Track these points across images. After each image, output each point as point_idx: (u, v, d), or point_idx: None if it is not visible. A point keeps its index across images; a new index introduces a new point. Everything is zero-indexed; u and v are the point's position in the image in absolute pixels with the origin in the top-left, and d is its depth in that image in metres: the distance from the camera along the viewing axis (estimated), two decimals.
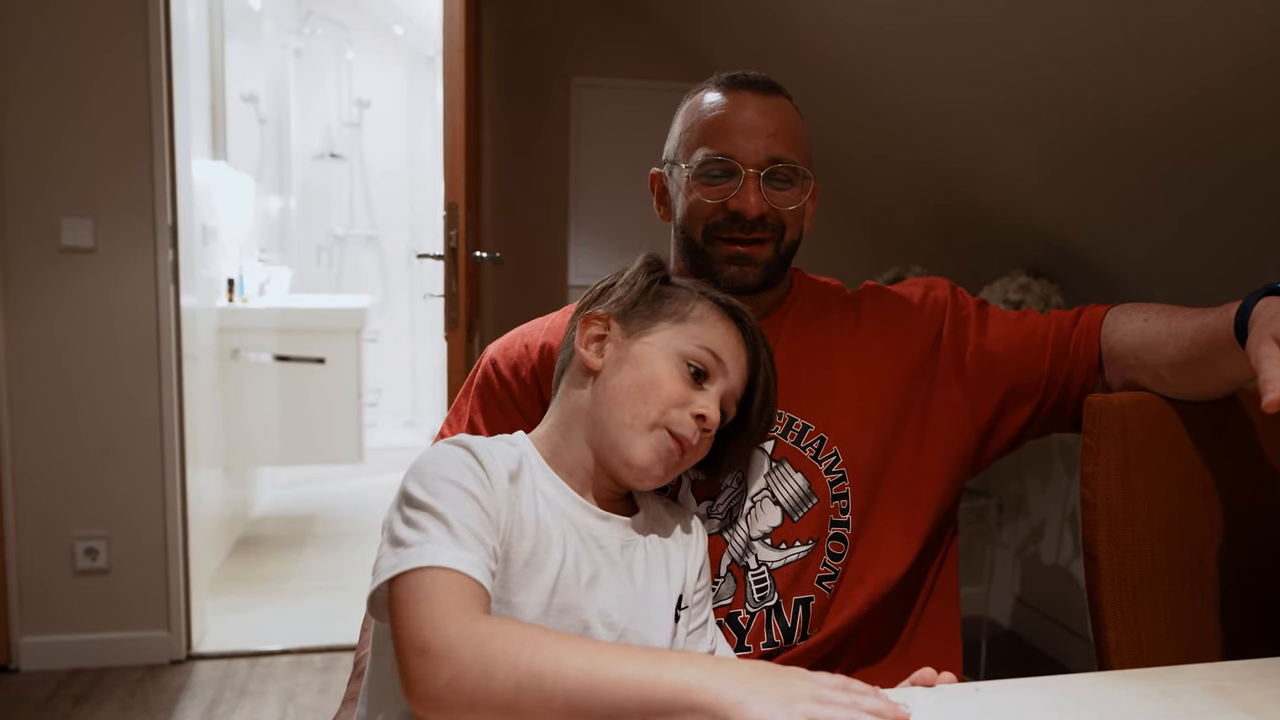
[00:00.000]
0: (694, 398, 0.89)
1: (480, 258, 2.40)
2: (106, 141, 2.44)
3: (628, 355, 0.91)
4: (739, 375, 0.93)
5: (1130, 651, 1.02)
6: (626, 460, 0.87)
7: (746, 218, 1.06)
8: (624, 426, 0.88)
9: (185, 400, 2.59)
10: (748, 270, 1.08)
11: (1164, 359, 1.01)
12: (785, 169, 1.07)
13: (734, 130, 1.07)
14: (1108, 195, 1.93)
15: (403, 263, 5.16)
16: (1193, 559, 1.05)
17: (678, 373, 0.89)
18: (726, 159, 1.06)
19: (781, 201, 1.08)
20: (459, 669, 0.68)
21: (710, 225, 1.08)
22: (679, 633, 0.92)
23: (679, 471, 0.92)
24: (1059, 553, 2.68)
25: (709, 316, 0.93)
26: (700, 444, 0.90)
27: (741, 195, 1.06)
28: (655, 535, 0.93)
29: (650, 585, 0.89)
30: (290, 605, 2.99)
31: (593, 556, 0.87)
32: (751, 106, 1.08)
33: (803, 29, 2.27)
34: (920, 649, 1.12)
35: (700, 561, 0.97)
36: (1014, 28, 1.66)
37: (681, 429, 0.88)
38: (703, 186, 1.08)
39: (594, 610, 0.84)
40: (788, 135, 1.08)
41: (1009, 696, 0.76)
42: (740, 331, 0.94)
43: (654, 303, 0.94)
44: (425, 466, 0.80)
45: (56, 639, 2.53)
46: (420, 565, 0.73)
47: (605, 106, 2.85)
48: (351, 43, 4.95)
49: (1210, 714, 0.72)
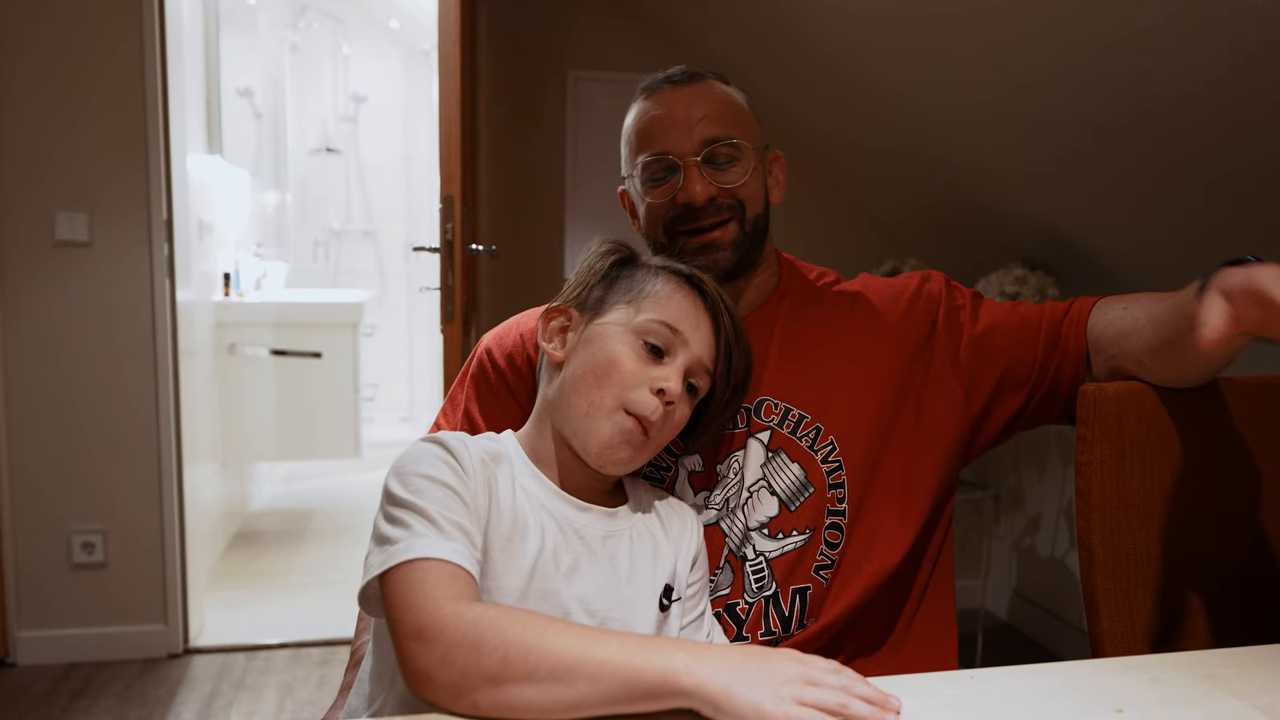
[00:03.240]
0: (652, 374, 0.89)
1: (476, 251, 2.40)
2: (102, 136, 2.44)
3: (585, 341, 0.92)
4: (703, 344, 0.92)
5: (1124, 640, 1.02)
6: (586, 447, 0.88)
7: (695, 205, 1.07)
8: (582, 415, 0.88)
9: (182, 395, 2.59)
10: (717, 256, 1.08)
11: (1143, 344, 1.01)
12: (723, 148, 1.08)
13: (663, 128, 1.09)
14: (1105, 188, 1.94)
15: (399, 257, 5.16)
16: (1186, 548, 1.06)
17: (633, 352, 0.89)
18: (662, 156, 1.09)
19: (727, 179, 1.09)
20: (450, 645, 0.70)
21: (667, 222, 1.10)
22: (672, 624, 0.92)
23: (653, 449, 0.91)
24: (1055, 545, 2.69)
25: (664, 289, 0.93)
26: (667, 420, 0.90)
27: (686, 186, 1.07)
28: (642, 525, 0.94)
29: (634, 574, 0.90)
30: (287, 599, 3.00)
31: (572, 546, 0.88)
32: (677, 100, 1.10)
33: (800, 20, 2.27)
34: (916, 640, 1.12)
35: (694, 553, 0.97)
36: (1012, 20, 1.66)
37: (640, 408, 0.87)
38: (651, 189, 1.10)
39: (574, 598, 0.85)
40: (717, 115, 1.09)
41: (1003, 683, 0.76)
42: (701, 299, 0.94)
43: (610, 285, 0.95)
44: (404, 465, 0.83)
45: (53, 633, 2.53)
46: (408, 558, 0.75)
47: (602, 100, 2.85)
48: (347, 37, 4.94)
49: (1202, 701, 0.73)
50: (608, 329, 0.91)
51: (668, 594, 0.92)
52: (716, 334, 0.93)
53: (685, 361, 0.91)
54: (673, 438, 0.94)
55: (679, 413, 0.91)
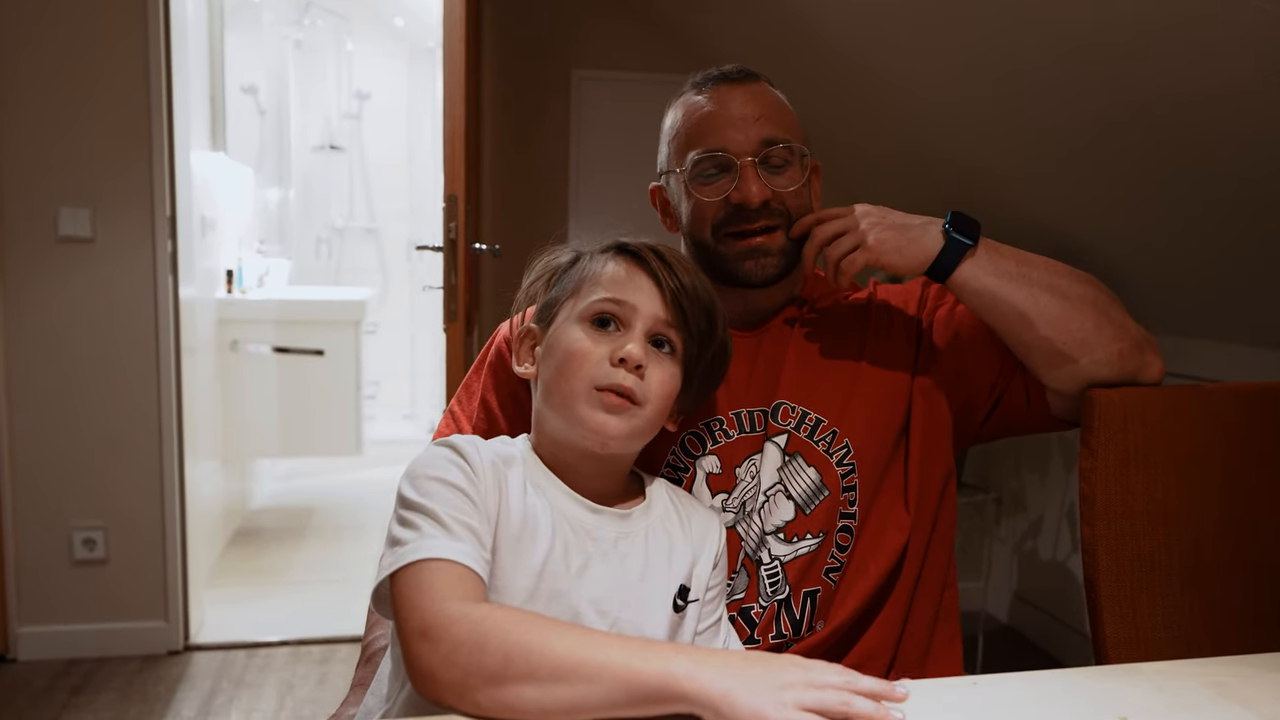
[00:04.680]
0: (610, 348, 0.88)
1: (480, 250, 2.40)
2: (105, 131, 2.44)
3: (547, 349, 0.92)
4: (651, 302, 0.90)
5: (1127, 646, 1.02)
6: (581, 437, 0.87)
7: (750, 207, 1.05)
8: (562, 410, 0.88)
9: (184, 391, 2.59)
10: (765, 262, 1.07)
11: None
12: (781, 150, 1.06)
13: (721, 125, 1.06)
14: (1108, 191, 1.93)
15: (402, 255, 5.16)
16: (1190, 554, 1.05)
17: (585, 335, 0.89)
18: (719, 154, 1.06)
19: (782, 184, 1.07)
20: (454, 645, 0.70)
21: (716, 224, 1.07)
22: (687, 627, 0.92)
23: (654, 414, 0.89)
24: (1057, 548, 2.69)
25: (597, 269, 0.92)
26: (651, 382, 0.88)
27: (741, 186, 1.05)
28: (659, 525, 0.93)
29: (648, 575, 0.89)
30: (288, 597, 2.99)
31: (584, 547, 0.87)
32: (733, 98, 1.08)
33: (806, 19, 2.26)
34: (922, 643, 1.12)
35: (715, 555, 0.96)
36: (1017, 20, 1.66)
37: (608, 381, 0.86)
38: (701, 187, 1.08)
39: (584, 597, 0.85)
40: (775, 117, 1.08)
41: (1006, 689, 0.76)
42: (635, 261, 0.92)
43: (552, 289, 0.96)
44: (415, 469, 0.84)
45: (54, 629, 2.53)
46: (416, 559, 0.76)
47: (606, 99, 2.85)
48: (351, 34, 4.94)
49: (1207, 709, 0.72)
50: (560, 328, 0.91)
51: (682, 595, 0.91)
52: (660, 288, 0.91)
53: (642, 325, 0.89)
54: (670, 397, 0.91)
55: (658, 373, 0.89)
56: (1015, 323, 1.02)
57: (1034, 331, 1.02)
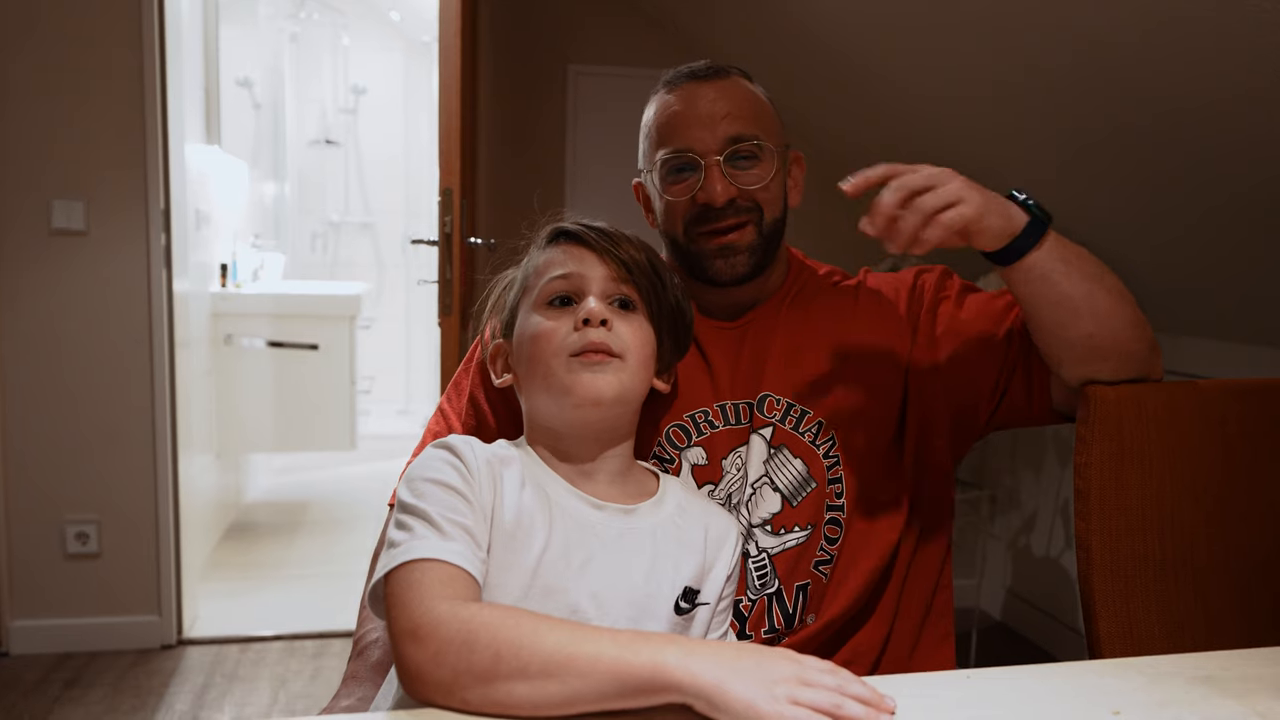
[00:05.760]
0: (573, 319, 0.89)
1: (475, 244, 2.39)
2: (99, 124, 2.43)
3: (516, 349, 0.95)
4: (600, 268, 0.92)
5: (1121, 641, 1.02)
6: (573, 407, 0.87)
7: (715, 206, 1.05)
8: (547, 392, 0.89)
9: (177, 385, 2.58)
10: (735, 261, 1.07)
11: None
12: (746, 147, 1.06)
13: (686, 123, 1.07)
14: (1113, 191, 1.93)
15: (397, 250, 5.15)
16: (1184, 550, 1.05)
17: (545, 318, 0.91)
18: (684, 153, 1.06)
19: (748, 181, 1.06)
20: (442, 644, 0.70)
21: (687, 222, 1.08)
22: (694, 631, 0.91)
23: (636, 364, 0.89)
24: (1050, 545, 2.69)
25: (539, 261, 0.95)
26: (625, 330, 0.89)
27: (706, 185, 1.05)
28: (669, 524, 0.92)
29: (652, 573, 0.88)
30: (282, 591, 2.99)
31: (587, 543, 0.87)
32: (701, 96, 1.07)
33: (802, 13, 2.26)
34: (913, 638, 1.12)
35: (732, 564, 0.95)
36: (1022, 17, 1.65)
37: (581, 343, 0.87)
38: (670, 186, 1.09)
39: (585, 592, 0.85)
40: (742, 113, 1.07)
41: (1000, 684, 0.76)
42: (568, 239, 0.95)
43: (505, 296, 0.99)
44: (412, 472, 0.85)
45: (47, 623, 2.53)
46: (407, 559, 0.76)
47: (603, 94, 2.84)
48: (347, 28, 4.93)
49: (1200, 704, 0.72)
50: (522, 324, 0.94)
51: (686, 596, 0.90)
52: (601, 255, 0.92)
53: (597, 288, 0.91)
54: (647, 346, 0.92)
55: (626, 326, 0.90)
56: (1066, 315, 0.96)
57: (1079, 326, 0.96)
